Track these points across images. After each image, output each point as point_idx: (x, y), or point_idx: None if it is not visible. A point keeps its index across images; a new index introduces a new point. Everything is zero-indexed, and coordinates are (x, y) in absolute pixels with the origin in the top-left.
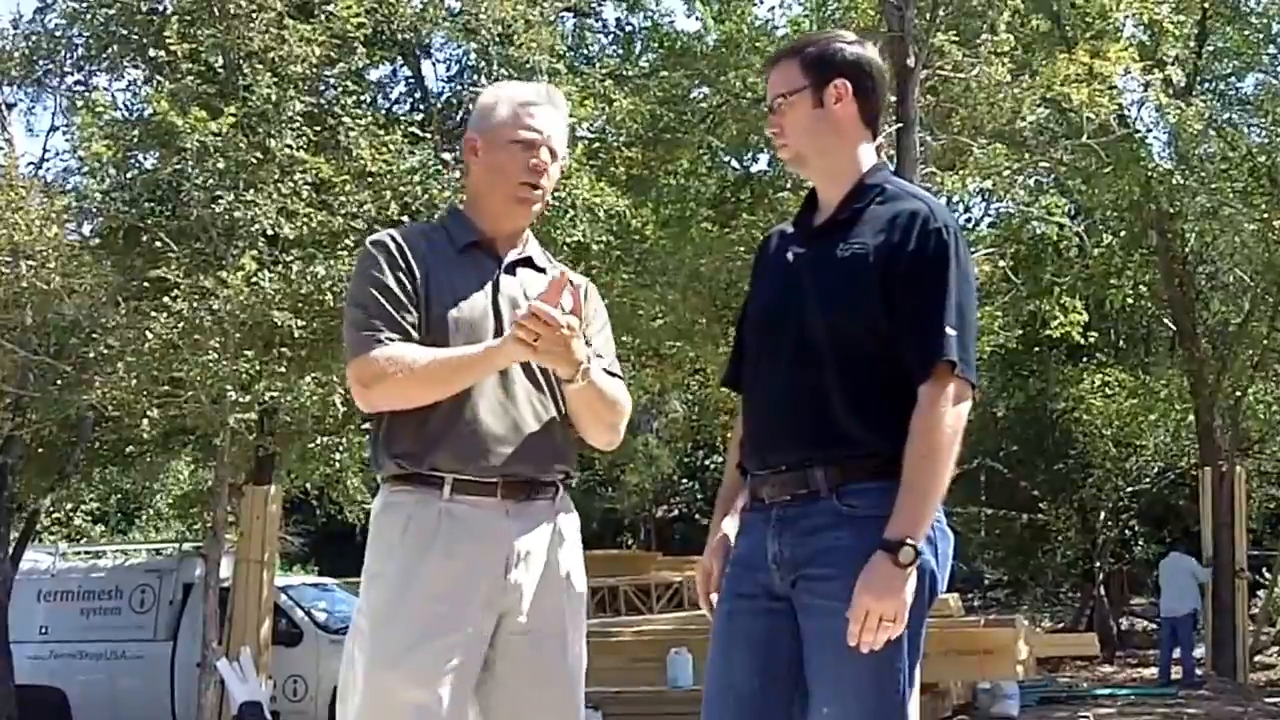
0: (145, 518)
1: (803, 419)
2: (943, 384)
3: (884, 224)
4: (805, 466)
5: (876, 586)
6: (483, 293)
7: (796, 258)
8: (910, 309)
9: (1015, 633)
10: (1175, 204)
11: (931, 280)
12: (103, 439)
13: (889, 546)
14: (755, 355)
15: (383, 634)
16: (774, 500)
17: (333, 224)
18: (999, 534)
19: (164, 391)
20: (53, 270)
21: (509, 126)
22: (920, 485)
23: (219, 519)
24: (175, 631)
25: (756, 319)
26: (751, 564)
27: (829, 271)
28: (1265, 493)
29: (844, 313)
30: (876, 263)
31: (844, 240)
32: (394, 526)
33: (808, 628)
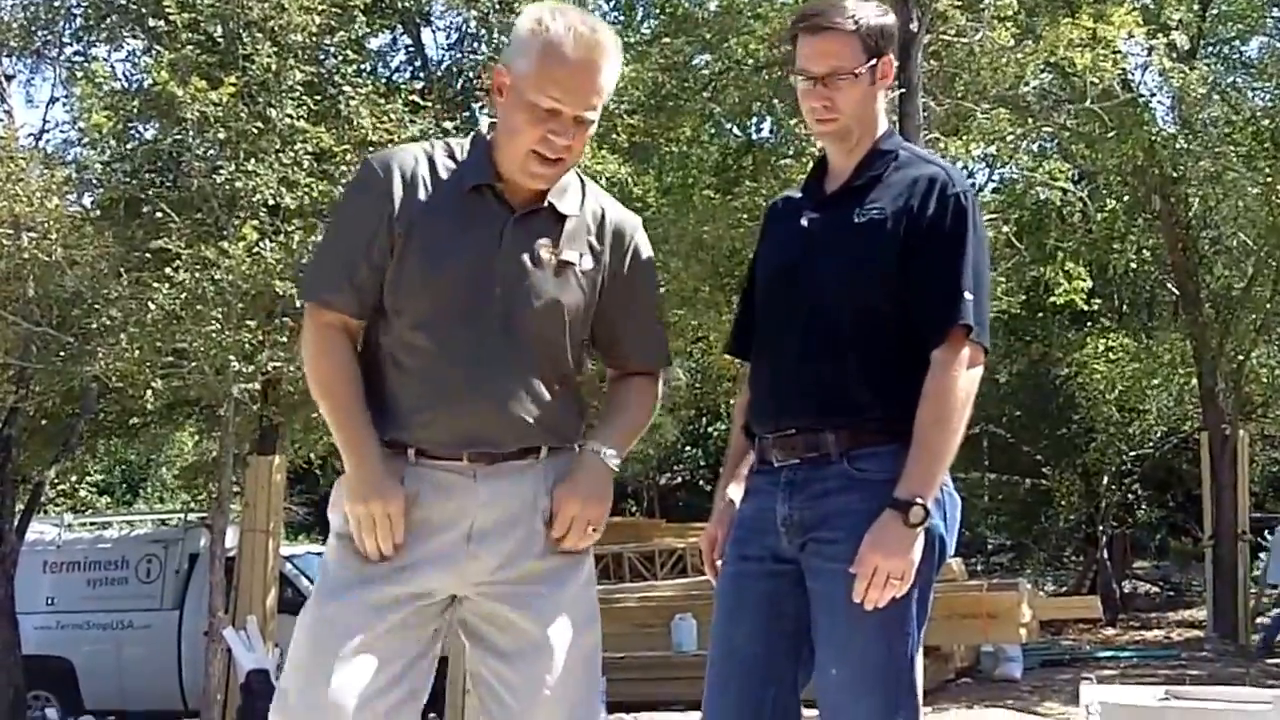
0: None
1: (816, 383)
2: (957, 348)
3: (902, 189)
4: (816, 430)
5: (885, 544)
6: (481, 251)
7: (810, 223)
8: (928, 273)
9: (1018, 596)
10: (1178, 168)
11: (950, 244)
12: (106, 410)
13: (899, 505)
14: (766, 320)
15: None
16: (783, 463)
17: (334, 194)
18: (1002, 499)
19: (167, 362)
20: (54, 242)
21: (531, 84)
22: (932, 447)
23: (223, 489)
24: (181, 601)
25: (768, 284)
26: (759, 526)
27: (846, 237)
28: (1268, 456)
29: (861, 278)
30: (895, 228)
31: (860, 206)
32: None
33: (816, 590)
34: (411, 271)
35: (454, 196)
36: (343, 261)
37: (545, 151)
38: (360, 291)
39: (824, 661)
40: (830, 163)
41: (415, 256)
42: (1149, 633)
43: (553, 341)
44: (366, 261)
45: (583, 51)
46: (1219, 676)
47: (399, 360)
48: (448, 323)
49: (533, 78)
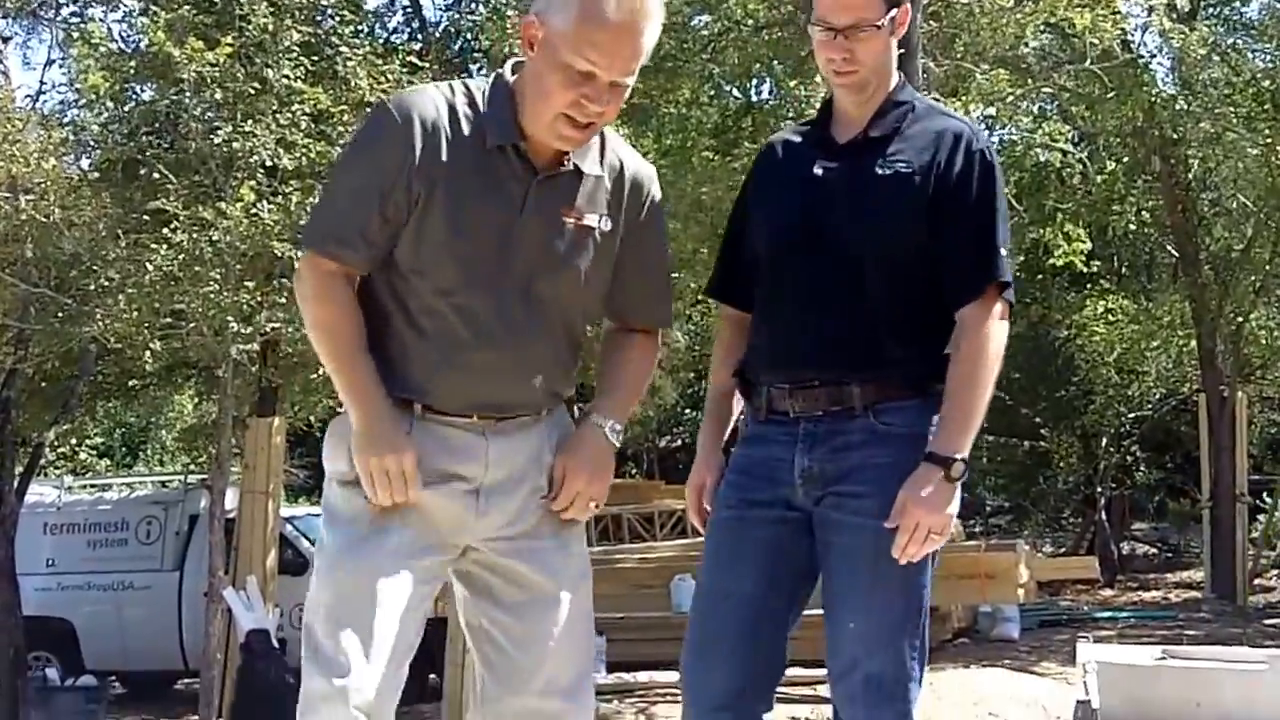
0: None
1: (842, 337)
2: (990, 304)
3: (925, 143)
4: (841, 383)
5: (930, 500)
6: (505, 216)
7: (826, 173)
8: (962, 231)
9: (1016, 557)
10: (1178, 130)
11: (983, 202)
12: (105, 372)
13: (941, 461)
14: (779, 269)
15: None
16: (801, 414)
17: (331, 155)
18: (1001, 461)
19: (165, 324)
20: (51, 203)
21: (568, 44)
22: (970, 402)
23: (223, 451)
24: (181, 562)
25: (781, 233)
26: (769, 475)
27: (871, 190)
28: (1266, 418)
29: (888, 232)
30: (923, 182)
31: (882, 158)
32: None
33: (837, 543)
34: (434, 234)
35: (477, 153)
36: (355, 211)
37: (578, 116)
38: (371, 246)
39: (842, 615)
40: (841, 111)
41: (438, 218)
42: (1147, 594)
43: (569, 307)
44: (380, 214)
45: (625, 13)
46: (1216, 637)
47: (417, 323)
48: (470, 290)
49: (569, 37)
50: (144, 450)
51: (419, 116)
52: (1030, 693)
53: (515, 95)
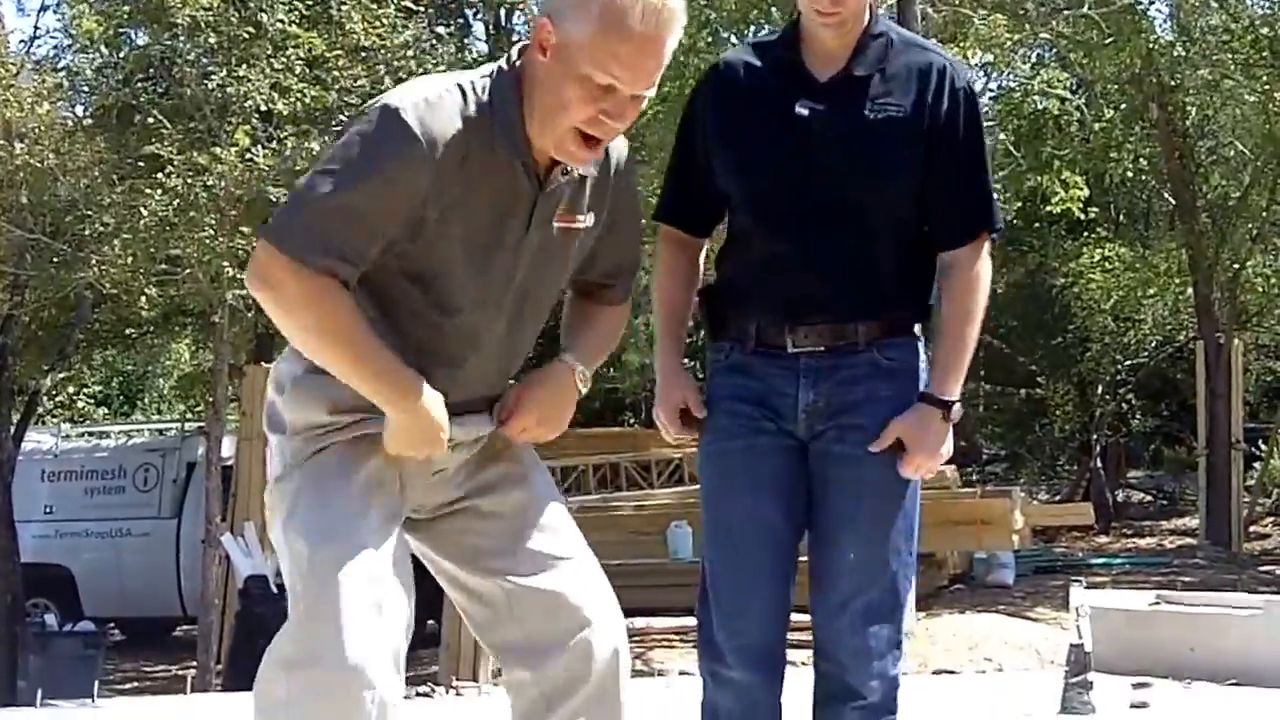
0: (147, 400)
1: (846, 279)
2: (981, 246)
3: (910, 81)
4: (844, 321)
5: (932, 442)
6: (514, 239)
7: (813, 114)
8: (956, 174)
9: (1011, 503)
10: (1176, 77)
11: (972, 145)
12: (102, 320)
13: (940, 404)
14: (764, 208)
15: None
16: (801, 349)
17: (326, 100)
18: (997, 409)
19: (161, 270)
20: (46, 149)
21: (586, 55)
22: (965, 343)
23: (219, 398)
24: (179, 509)
25: (767, 174)
26: (772, 406)
27: (864, 135)
28: (1263, 365)
29: (885, 178)
30: (915, 126)
31: (870, 99)
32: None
33: (839, 476)
34: (443, 258)
35: (488, 168)
36: (356, 229)
37: (595, 132)
38: (367, 263)
39: (843, 544)
40: (816, 42)
41: (449, 244)
42: (1142, 541)
43: (548, 305)
44: (384, 236)
45: (650, 26)
46: (1211, 584)
47: (401, 325)
48: (470, 311)
49: (588, 48)
50: (141, 399)
51: (440, 140)
52: (1024, 638)
53: (522, 99)
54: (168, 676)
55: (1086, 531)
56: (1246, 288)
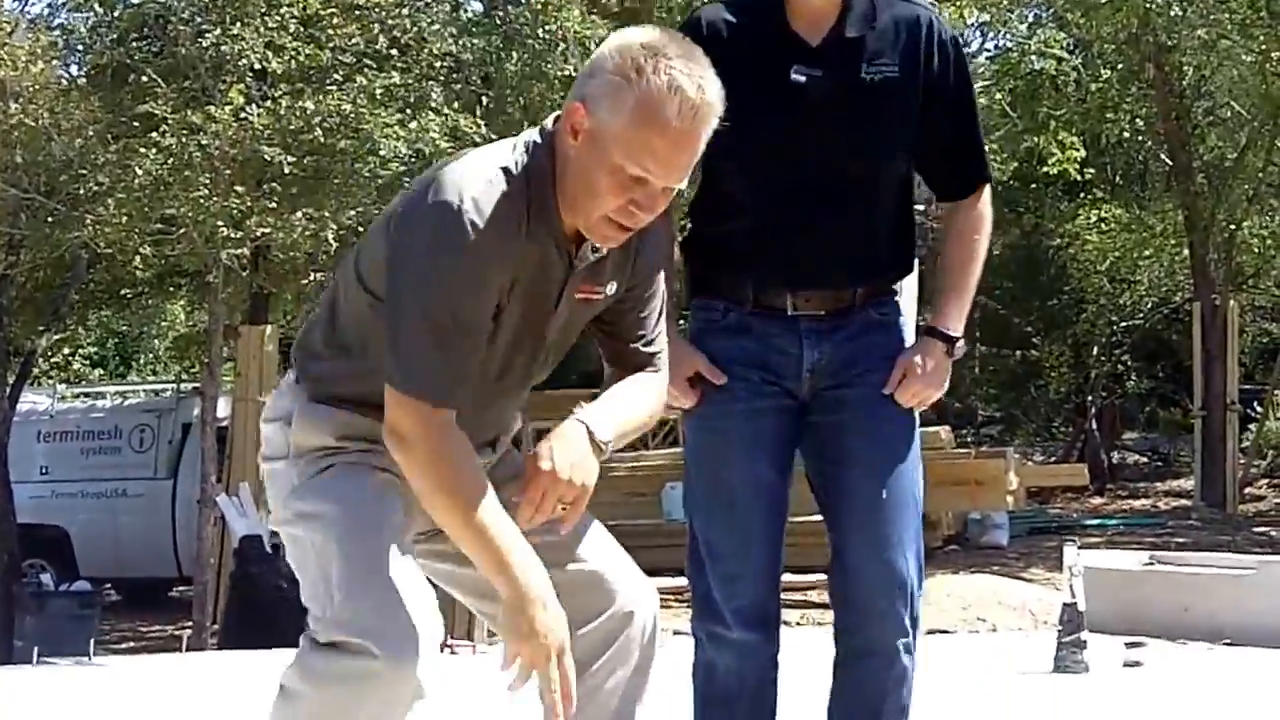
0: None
1: (847, 249)
2: (980, 196)
3: (899, 37)
4: (845, 287)
5: (931, 375)
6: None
7: (811, 81)
8: (953, 130)
9: (1005, 464)
10: (1173, 36)
11: (965, 100)
12: (97, 280)
13: (944, 338)
14: (760, 174)
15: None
16: (801, 313)
17: (320, 58)
18: (992, 370)
19: (155, 229)
20: (40, 107)
21: (620, 147)
22: (969, 282)
23: (214, 357)
24: (175, 470)
25: (764, 141)
26: (770, 367)
27: (863, 102)
28: (1258, 327)
29: (887, 145)
30: (910, 86)
31: (865, 61)
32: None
33: (852, 420)
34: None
35: (530, 252)
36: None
37: (624, 221)
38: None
39: (870, 487)
40: (801, 2)
41: (503, 327)
42: (1136, 502)
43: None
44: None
45: (686, 120)
46: (1205, 544)
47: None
48: (495, 374)
49: (622, 140)
50: (137, 360)
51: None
52: (1018, 598)
53: (555, 179)
54: (164, 636)
55: (1081, 493)
56: (1242, 248)
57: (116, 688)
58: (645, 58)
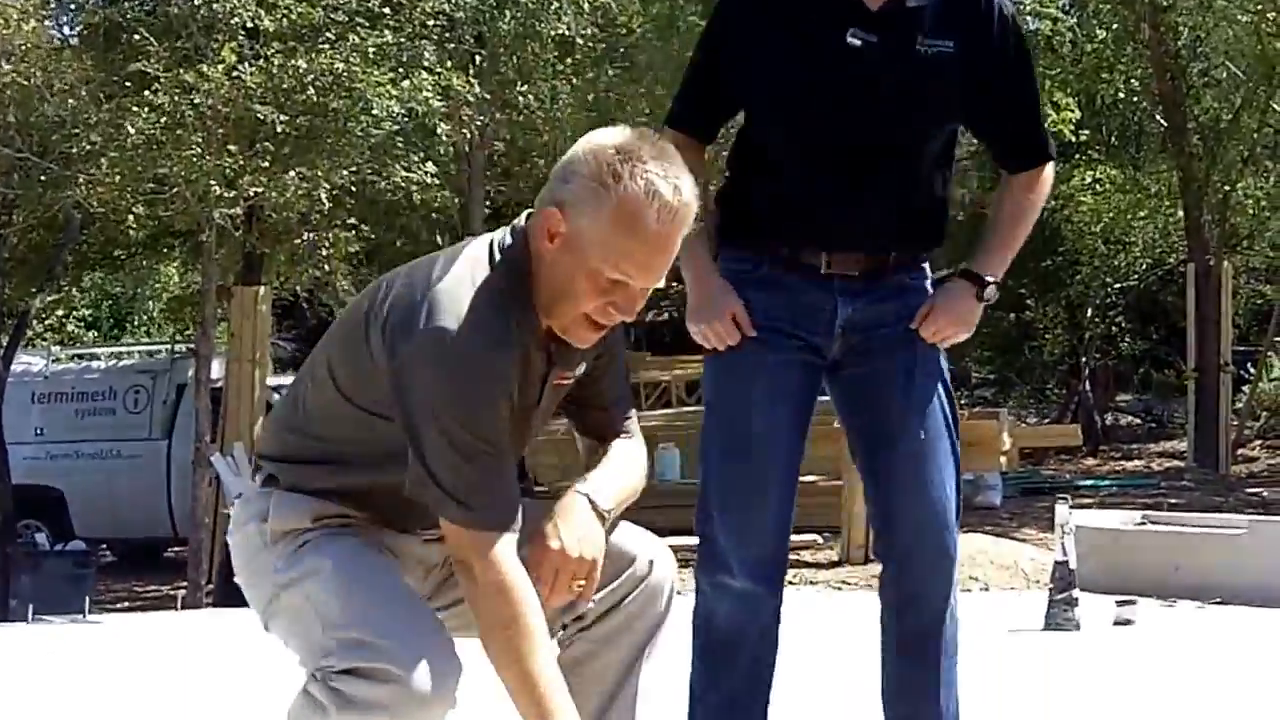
0: (136, 323)
1: (886, 217)
2: (1043, 169)
3: (962, 18)
4: (881, 252)
5: (957, 314)
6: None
7: (866, 46)
8: (1017, 107)
9: (999, 425)
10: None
11: (1026, 77)
12: (90, 241)
13: (976, 280)
14: (805, 137)
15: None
16: (836, 273)
17: (313, 16)
18: (986, 333)
19: (148, 189)
20: (33, 67)
21: (598, 253)
22: (1016, 236)
23: (208, 316)
24: (170, 431)
25: (812, 105)
26: (801, 323)
27: (915, 73)
28: (1252, 288)
29: (935, 118)
30: (966, 63)
31: (922, 34)
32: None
33: (888, 368)
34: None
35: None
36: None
37: (601, 320)
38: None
39: (911, 427)
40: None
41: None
42: (1129, 463)
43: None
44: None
45: (666, 224)
46: (1198, 505)
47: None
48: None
49: (600, 245)
50: (131, 322)
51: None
52: (1011, 558)
53: (532, 277)
54: (159, 596)
55: (1074, 454)
56: (1237, 210)
57: (112, 644)
58: (621, 162)
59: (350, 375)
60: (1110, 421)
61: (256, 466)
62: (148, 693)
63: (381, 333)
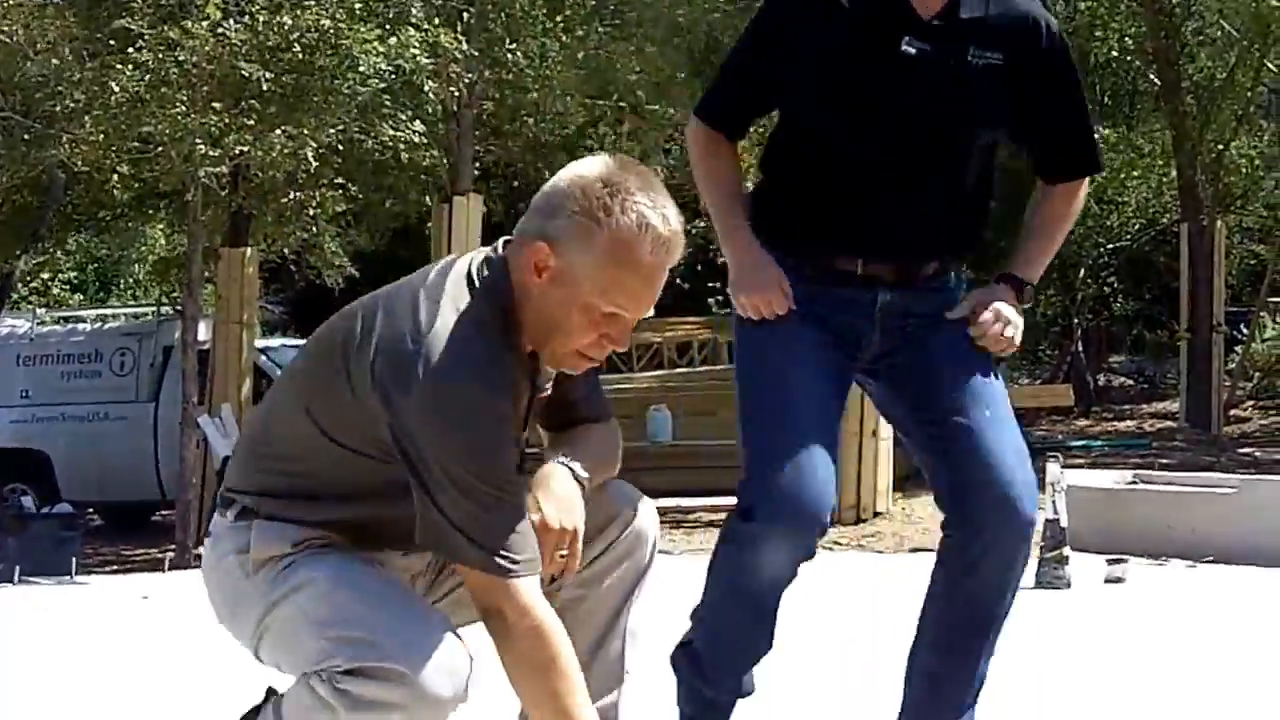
0: (123, 285)
1: (926, 226)
2: (1084, 182)
3: (1012, 29)
4: (918, 259)
5: (1006, 309)
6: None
7: (920, 54)
8: (1067, 121)
9: None
10: None
11: (1075, 94)
12: (75, 202)
13: (1016, 283)
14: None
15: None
16: (871, 275)
17: None
18: None
19: (133, 147)
20: (15, 24)
21: (593, 285)
22: (1054, 241)
23: (194, 277)
24: (157, 393)
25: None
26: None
27: (966, 84)
28: (1245, 249)
29: (983, 130)
30: (1015, 77)
31: (975, 46)
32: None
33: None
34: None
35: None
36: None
37: (593, 354)
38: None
39: (972, 406)
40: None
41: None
42: (1121, 424)
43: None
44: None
45: (660, 256)
46: (1190, 466)
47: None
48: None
49: (593, 280)
50: (116, 284)
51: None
52: None
53: (516, 310)
54: (147, 559)
55: (1066, 414)
56: (1230, 169)
57: (101, 604)
58: (610, 196)
59: (325, 410)
60: (1102, 382)
61: (226, 501)
62: (136, 652)
63: (371, 374)
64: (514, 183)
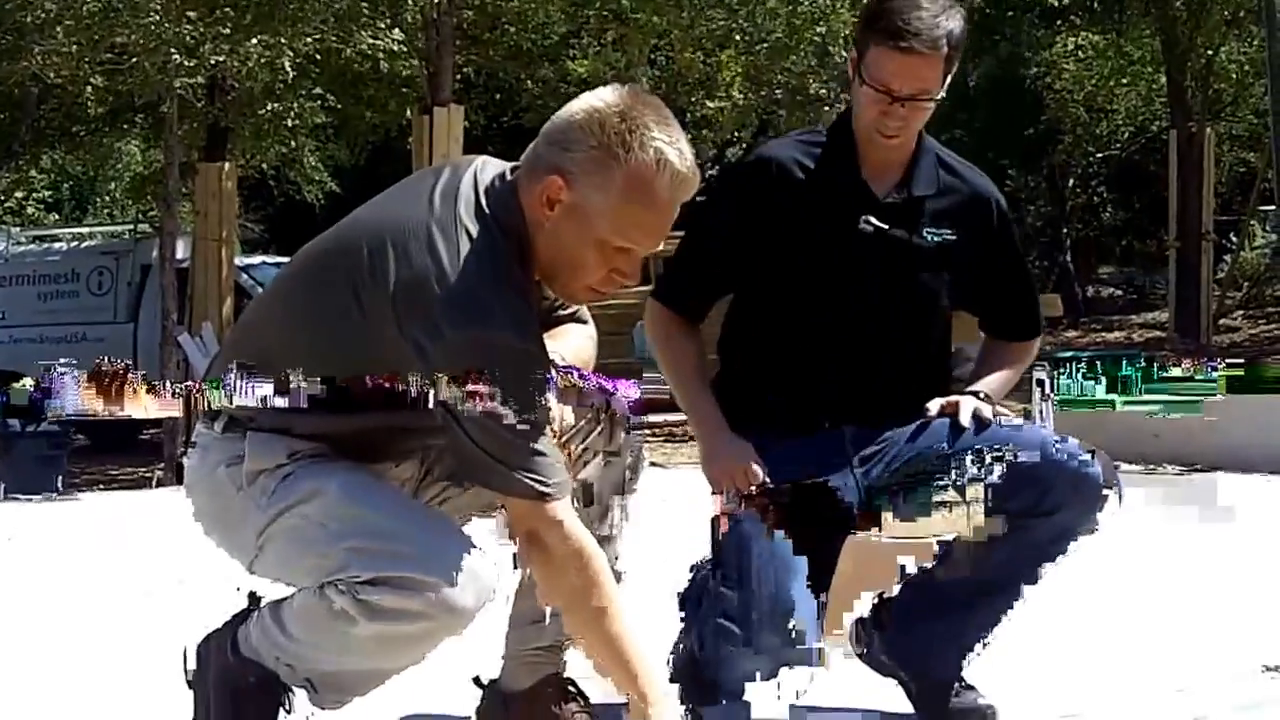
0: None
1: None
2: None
3: (962, 208)
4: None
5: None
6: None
7: (878, 232)
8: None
9: None
10: None
11: (1021, 264)
12: (48, 117)
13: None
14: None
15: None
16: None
17: None
18: None
19: (106, 59)
20: None
21: (607, 220)
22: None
23: (171, 191)
24: (135, 313)
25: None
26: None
27: (921, 261)
28: (1235, 156)
29: (936, 302)
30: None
31: (929, 225)
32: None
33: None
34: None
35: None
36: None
37: (607, 289)
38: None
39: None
40: (872, 155)
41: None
42: (1110, 335)
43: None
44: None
45: (677, 192)
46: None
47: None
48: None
49: (609, 215)
50: (93, 203)
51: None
52: None
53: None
54: (134, 477)
55: (1055, 325)
56: (1220, 75)
57: (89, 519)
58: (629, 131)
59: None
60: (1091, 293)
61: (212, 414)
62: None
63: (394, 311)
64: (496, 94)
